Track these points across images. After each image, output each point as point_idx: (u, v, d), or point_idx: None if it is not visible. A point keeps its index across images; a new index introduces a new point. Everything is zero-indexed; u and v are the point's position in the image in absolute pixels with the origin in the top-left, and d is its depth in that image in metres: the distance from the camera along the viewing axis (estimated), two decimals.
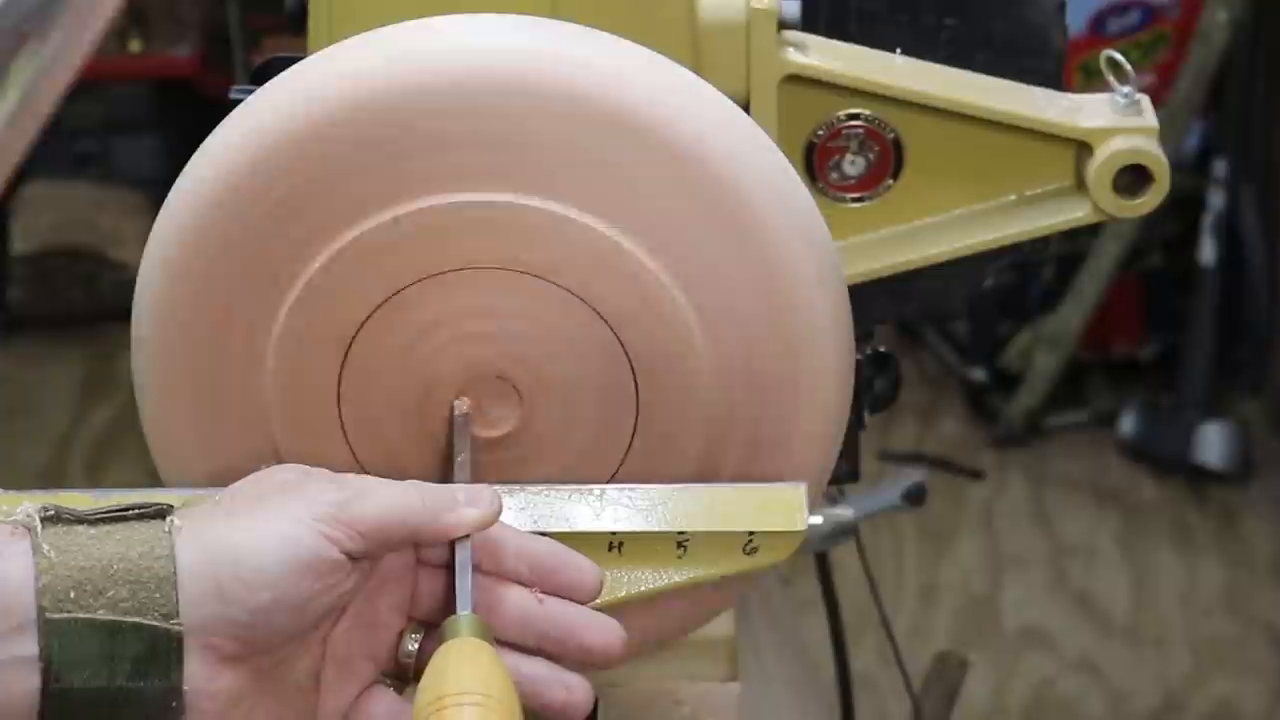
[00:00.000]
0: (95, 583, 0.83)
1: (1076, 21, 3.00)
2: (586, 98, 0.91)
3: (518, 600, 0.90)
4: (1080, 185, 1.07)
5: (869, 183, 1.09)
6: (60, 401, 3.37)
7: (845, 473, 1.14)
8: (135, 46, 3.55)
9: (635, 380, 0.95)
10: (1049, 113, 1.06)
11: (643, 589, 0.94)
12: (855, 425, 1.12)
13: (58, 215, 3.54)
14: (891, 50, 1.09)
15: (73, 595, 0.83)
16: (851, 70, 1.06)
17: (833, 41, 1.08)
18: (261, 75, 0.97)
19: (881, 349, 1.17)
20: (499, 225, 0.92)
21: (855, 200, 1.09)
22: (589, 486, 0.95)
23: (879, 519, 1.50)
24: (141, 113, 3.58)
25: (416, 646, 0.90)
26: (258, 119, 0.92)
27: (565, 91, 0.91)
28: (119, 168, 3.57)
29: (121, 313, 1.00)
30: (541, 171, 0.92)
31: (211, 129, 0.94)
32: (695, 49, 1.03)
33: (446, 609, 0.88)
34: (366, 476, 0.90)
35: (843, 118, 1.07)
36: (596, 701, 0.91)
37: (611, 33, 0.94)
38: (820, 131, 1.07)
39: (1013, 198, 1.09)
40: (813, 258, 0.95)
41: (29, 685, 0.82)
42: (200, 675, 0.84)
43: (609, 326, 0.94)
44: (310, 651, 0.88)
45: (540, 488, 0.95)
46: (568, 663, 0.90)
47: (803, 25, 1.05)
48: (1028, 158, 1.07)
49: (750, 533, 0.95)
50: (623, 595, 0.94)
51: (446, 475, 0.95)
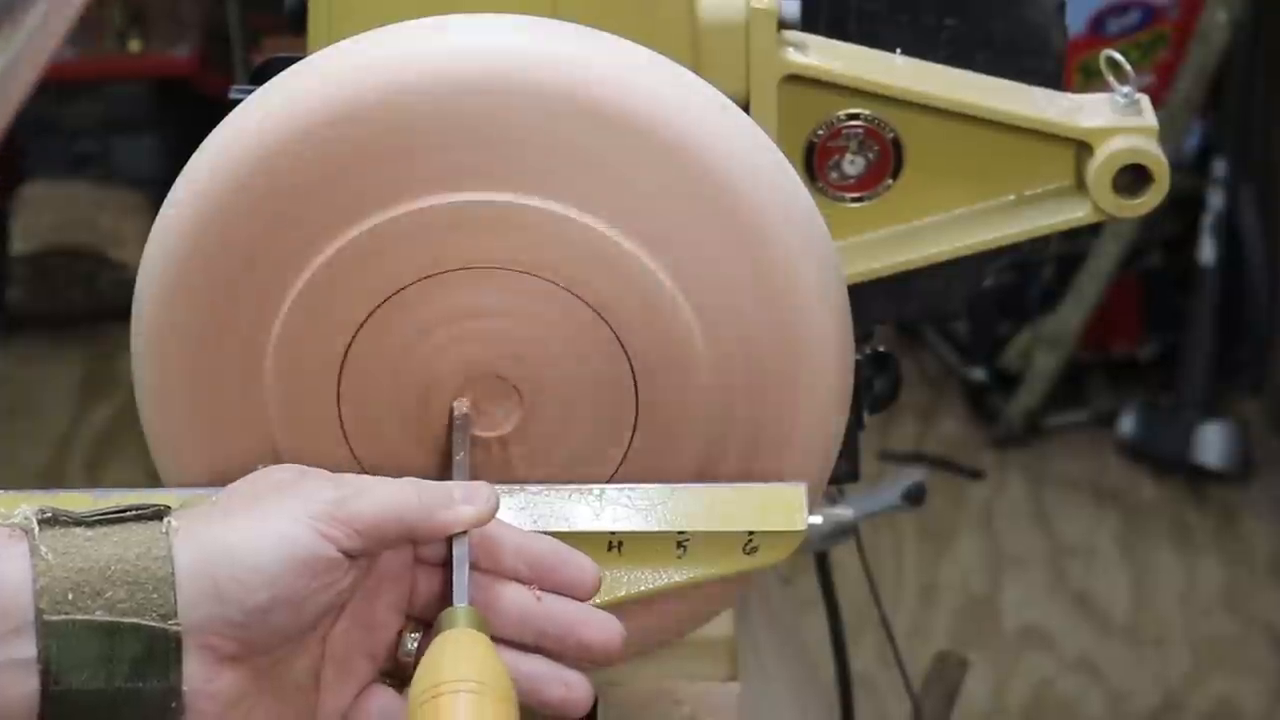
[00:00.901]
0: (93, 584, 0.83)
1: (1076, 21, 3.00)
2: (587, 98, 0.91)
3: (516, 597, 0.90)
4: (1080, 185, 1.07)
5: (869, 182, 1.09)
6: (60, 401, 3.36)
7: (845, 473, 1.14)
8: (135, 46, 3.55)
9: (635, 380, 0.95)
10: (1049, 113, 1.06)
11: (642, 589, 0.94)
12: (855, 425, 1.12)
13: (58, 215, 3.54)
14: (891, 50, 1.09)
15: (70, 597, 0.83)
16: (851, 70, 1.06)
17: (833, 41, 1.08)
18: (261, 75, 0.97)
19: (881, 349, 1.17)
20: (498, 225, 0.92)
21: (855, 200, 1.09)
22: (588, 486, 0.95)
23: (879, 519, 1.50)
24: (141, 112, 3.57)
25: (415, 645, 0.90)
26: (257, 119, 0.92)
27: (565, 92, 0.91)
28: (119, 168, 3.57)
29: (121, 312, 1.00)
30: (541, 171, 0.91)
31: (211, 129, 0.94)
32: (695, 49, 1.03)
33: (444, 607, 0.88)
34: (363, 475, 0.90)
35: (842, 117, 1.07)
36: (596, 700, 0.91)
37: (612, 33, 0.94)
38: (820, 131, 1.07)
39: (1012, 198, 1.09)
40: (813, 257, 0.95)
41: (28, 687, 0.82)
42: (199, 675, 0.84)
43: (609, 326, 0.94)
44: (309, 651, 0.88)
45: (540, 487, 0.95)
46: (567, 660, 0.90)
47: (803, 25, 1.05)
48: (1027, 158, 1.07)
49: (750, 532, 0.95)
50: (622, 595, 0.94)
51: (446, 475, 0.95)
